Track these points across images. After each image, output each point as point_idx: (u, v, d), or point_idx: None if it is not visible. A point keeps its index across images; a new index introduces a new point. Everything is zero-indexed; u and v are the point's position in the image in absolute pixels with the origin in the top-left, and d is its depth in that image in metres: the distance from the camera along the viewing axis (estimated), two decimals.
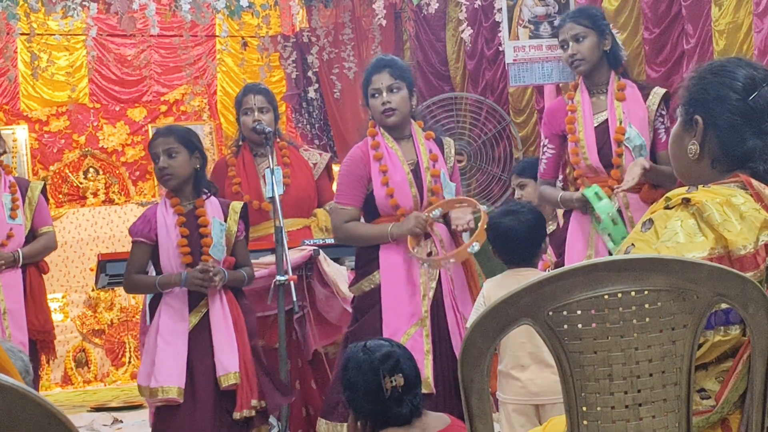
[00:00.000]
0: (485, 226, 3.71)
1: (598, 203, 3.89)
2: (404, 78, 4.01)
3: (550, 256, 4.25)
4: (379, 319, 3.87)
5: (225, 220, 3.92)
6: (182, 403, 3.75)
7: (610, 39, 4.06)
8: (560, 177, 4.52)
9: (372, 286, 3.94)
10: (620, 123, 3.99)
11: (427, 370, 3.81)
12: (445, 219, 3.99)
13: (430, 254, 3.90)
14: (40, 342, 4.94)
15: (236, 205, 3.98)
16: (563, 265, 3.80)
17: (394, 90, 3.97)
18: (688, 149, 2.01)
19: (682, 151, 2.04)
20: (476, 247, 3.79)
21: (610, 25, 4.17)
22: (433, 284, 3.89)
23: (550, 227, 4.49)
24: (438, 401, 3.71)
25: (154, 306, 3.93)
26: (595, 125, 4.07)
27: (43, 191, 5.02)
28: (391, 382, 2.62)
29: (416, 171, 3.98)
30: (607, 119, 4.04)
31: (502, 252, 3.59)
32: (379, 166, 3.96)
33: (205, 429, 3.75)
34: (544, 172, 4.22)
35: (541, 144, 4.28)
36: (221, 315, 3.83)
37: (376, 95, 3.97)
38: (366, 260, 3.99)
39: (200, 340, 3.81)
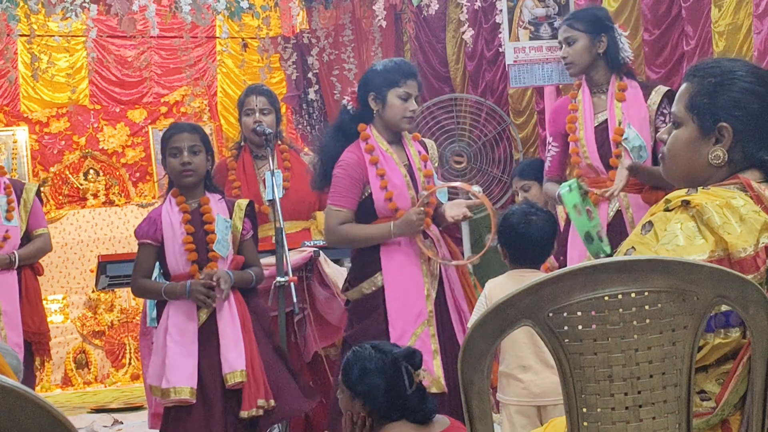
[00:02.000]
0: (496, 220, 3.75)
1: (568, 196, 3.89)
2: (421, 90, 4.08)
3: (551, 259, 4.25)
4: (384, 321, 3.86)
5: (231, 218, 3.92)
6: (195, 402, 3.75)
7: (606, 41, 4.05)
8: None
9: (374, 288, 3.92)
10: (619, 124, 4.01)
11: (437, 369, 3.81)
12: (434, 219, 4.00)
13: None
14: (35, 344, 4.94)
15: (242, 203, 3.98)
16: (565, 265, 3.84)
17: (417, 100, 4.02)
18: (713, 155, 2.00)
19: (697, 157, 2.02)
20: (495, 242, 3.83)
21: (615, 27, 4.16)
22: (436, 284, 3.91)
23: None
24: (447, 401, 3.71)
25: (161, 304, 3.91)
26: (596, 125, 4.09)
27: (38, 193, 5.03)
28: (417, 376, 2.65)
29: (410, 173, 4.00)
30: (606, 119, 4.06)
31: (514, 253, 3.56)
32: (377, 170, 3.96)
33: (215, 428, 3.75)
34: (549, 169, 4.28)
35: (547, 142, 4.32)
36: (228, 313, 3.82)
37: (406, 99, 3.99)
38: (365, 262, 3.97)
39: (207, 338, 3.80)
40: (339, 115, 4.18)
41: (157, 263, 3.99)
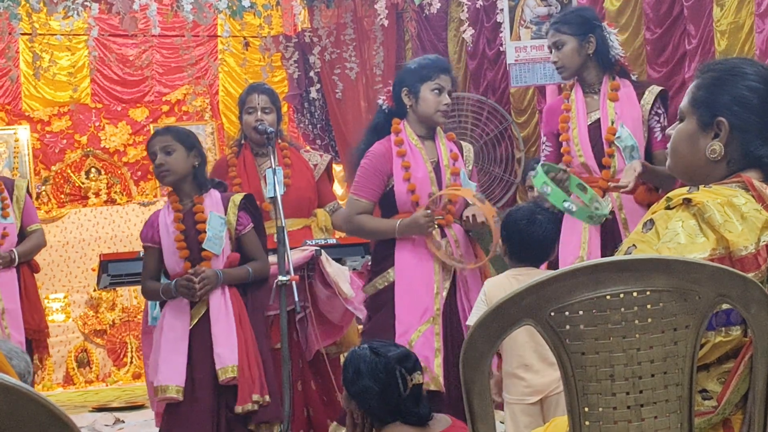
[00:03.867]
0: (497, 226, 3.75)
1: (539, 177, 3.88)
2: (454, 85, 4.14)
3: None
4: (392, 316, 3.91)
5: (226, 214, 3.93)
6: (184, 400, 3.80)
7: (595, 42, 4.02)
8: None
9: (386, 284, 4.00)
10: (612, 123, 3.99)
11: (437, 368, 3.82)
12: (459, 219, 4.04)
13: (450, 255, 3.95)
14: (35, 341, 4.96)
15: (236, 198, 3.97)
16: (557, 265, 3.83)
17: (450, 95, 4.06)
18: (709, 150, 2.00)
19: (695, 151, 2.03)
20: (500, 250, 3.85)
21: (604, 25, 4.14)
22: (447, 283, 3.93)
23: None
24: (449, 400, 3.71)
25: (163, 304, 3.98)
26: (589, 124, 4.07)
27: (27, 189, 5.02)
28: (412, 380, 2.64)
29: (437, 169, 4.03)
30: (599, 119, 4.04)
31: (516, 251, 3.56)
32: (402, 162, 4.02)
33: (206, 425, 3.78)
34: None
35: (541, 142, 4.31)
36: (222, 309, 3.85)
37: (438, 92, 4.02)
38: (381, 258, 4.05)
39: (201, 336, 3.84)
40: (375, 115, 4.26)
41: None
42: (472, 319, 3.52)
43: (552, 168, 3.94)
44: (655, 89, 4.04)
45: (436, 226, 3.96)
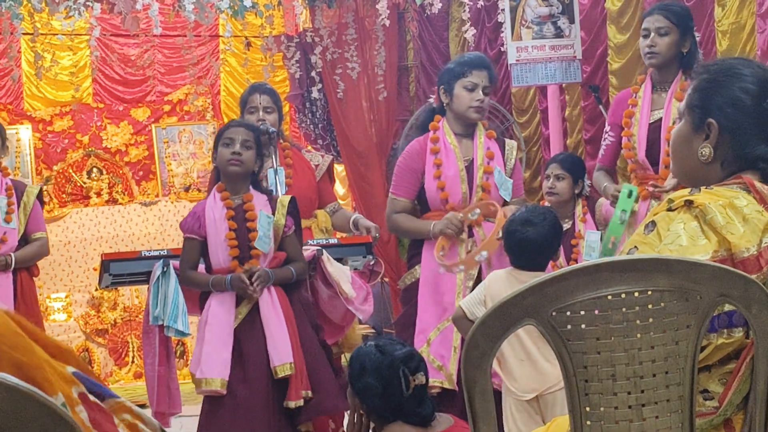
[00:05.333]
0: (497, 236, 3.77)
1: (624, 201, 3.93)
2: (493, 81, 4.17)
3: (560, 259, 4.26)
4: (415, 312, 3.98)
5: (273, 215, 3.95)
6: (237, 393, 3.80)
7: (690, 41, 4.06)
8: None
9: (413, 280, 4.14)
10: (673, 123, 4.01)
11: (452, 365, 3.85)
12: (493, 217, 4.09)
13: (469, 253, 4.02)
14: None
15: (284, 199, 4.00)
16: None
17: (487, 92, 4.08)
18: (700, 152, 2.00)
19: (690, 153, 2.03)
20: (484, 255, 3.88)
21: (694, 28, 4.17)
22: (470, 283, 3.98)
23: (565, 225, 4.49)
24: (462, 399, 3.74)
25: (204, 296, 3.97)
26: (651, 122, 4.10)
27: (39, 196, 4.97)
28: (414, 380, 2.64)
29: (470, 168, 4.08)
30: (661, 118, 4.06)
31: (515, 256, 3.58)
32: (434, 159, 4.10)
33: (260, 418, 3.80)
34: (601, 158, 4.32)
35: (604, 131, 4.34)
36: (271, 307, 3.86)
37: (472, 89, 4.03)
38: (412, 254, 4.19)
39: (251, 331, 3.85)
40: (421, 113, 4.40)
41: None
42: (466, 303, 3.53)
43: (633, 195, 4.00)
44: None
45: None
